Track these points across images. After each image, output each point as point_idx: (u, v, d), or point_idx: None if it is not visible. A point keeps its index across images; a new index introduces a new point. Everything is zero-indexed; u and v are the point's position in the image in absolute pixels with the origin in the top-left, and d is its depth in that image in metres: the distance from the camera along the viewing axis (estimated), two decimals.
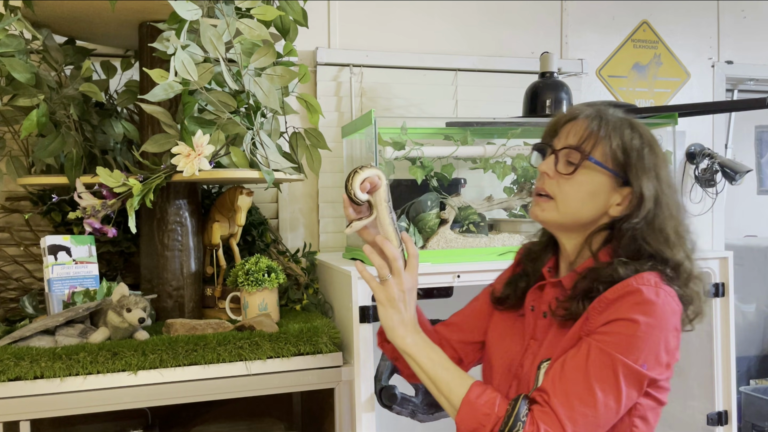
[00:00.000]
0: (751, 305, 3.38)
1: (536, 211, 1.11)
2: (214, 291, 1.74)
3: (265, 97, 1.50)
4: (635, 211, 1.05)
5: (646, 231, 1.05)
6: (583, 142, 1.06)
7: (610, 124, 1.07)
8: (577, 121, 1.09)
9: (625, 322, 0.98)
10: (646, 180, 1.04)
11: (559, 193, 1.08)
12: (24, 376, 1.30)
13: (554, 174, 1.08)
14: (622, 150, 1.05)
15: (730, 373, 1.92)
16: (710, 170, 2.65)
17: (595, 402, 0.95)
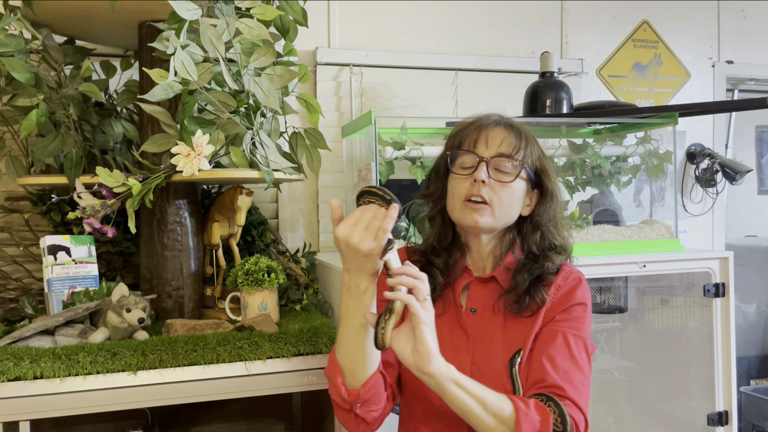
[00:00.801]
0: (752, 305, 3.38)
1: (475, 216, 1.16)
2: (213, 291, 1.73)
3: (264, 96, 1.50)
4: (539, 209, 1.21)
5: (550, 225, 1.22)
6: (516, 151, 1.17)
7: (526, 134, 1.21)
8: (496, 130, 1.19)
9: (580, 306, 1.17)
10: (552, 181, 1.21)
11: (495, 199, 1.16)
12: (24, 376, 1.30)
13: (489, 180, 1.15)
14: (538, 158, 1.21)
15: (730, 374, 1.92)
16: (710, 170, 2.65)
17: (587, 380, 1.12)
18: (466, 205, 1.16)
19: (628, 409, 2.29)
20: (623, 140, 2.15)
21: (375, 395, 1.12)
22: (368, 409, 1.13)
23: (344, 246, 1.03)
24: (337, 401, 1.14)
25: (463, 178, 1.17)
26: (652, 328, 2.23)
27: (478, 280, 1.22)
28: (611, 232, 1.96)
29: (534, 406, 1.03)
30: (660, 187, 2.19)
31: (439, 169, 1.25)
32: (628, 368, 2.31)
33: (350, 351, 1.10)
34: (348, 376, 1.11)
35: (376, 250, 1.02)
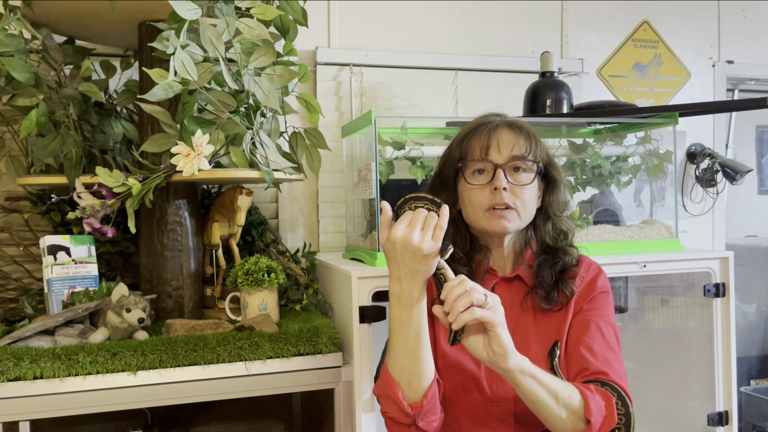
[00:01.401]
0: (752, 305, 3.38)
1: (504, 224, 1.17)
2: (213, 291, 1.73)
3: (264, 96, 1.50)
4: (548, 198, 1.24)
5: (560, 213, 1.25)
6: (530, 152, 1.19)
7: (530, 131, 1.21)
8: (504, 133, 1.19)
9: (603, 294, 1.22)
10: (559, 170, 1.24)
11: (519, 202, 1.18)
12: (23, 376, 1.30)
13: (509, 186, 1.17)
14: (545, 153, 1.23)
15: (730, 374, 1.92)
16: (711, 170, 2.65)
17: (622, 362, 1.16)
18: (492, 213, 1.17)
19: None
20: (623, 140, 2.15)
21: (435, 404, 1.11)
22: (429, 420, 1.11)
23: (401, 248, 1.01)
24: (396, 417, 1.10)
25: (481, 188, 1.18)
26: (653, 328, 2.23)
27: (503, 280, 1.23)
28: (611, 232, 1.96)
29: (596, 391, 1.06)
30: (660, 187, 2.19)
31: (447, 178, 1.24)
32: (629, 368, 2.30)
33: (407, 363, 1.07)
34: (406, 390, 1.08)
35: (436, 250, 1.01)
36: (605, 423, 1.04)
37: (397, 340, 1.07)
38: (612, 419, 1.05)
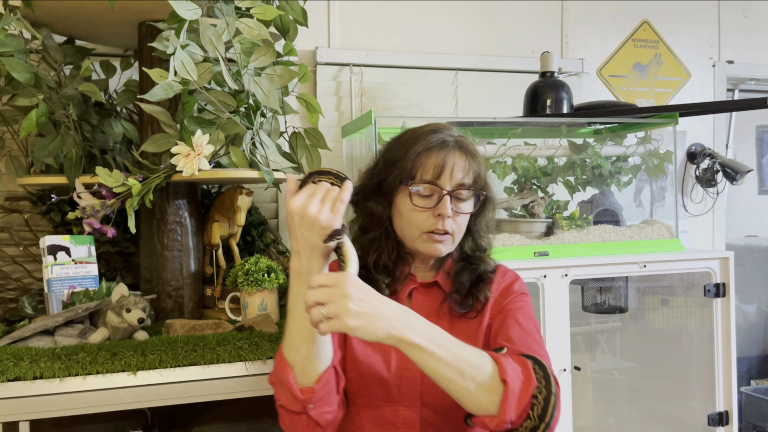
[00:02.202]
0: (752, 305, 3.38)
1: (440, 248, 1.17)
2: (213, 291, 1.73)
3: (264, 96, 1.50)
4: (480, 217, 1.23)
5: (482, 229, 1.25)
6: (476, 180, 1.18)
7: (475, 152, 1.20)
8: (459, 158, 1.16)
9: (522, 295, 1.21)
10: (492, 190, 1.24)
11: (456, 228, 1.18)
12: (23, 376, 1.29)
13: (453, 214, 1.16)
14: (485, 173, 1.21)
15: (730, 374, 1.92)
16: (711, 170, 2.65)
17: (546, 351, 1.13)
18: (430, 237, 1.15)
19: (628, 410, 2.29)
20: (623, 140, 2.15)
21: (329, 393, 1.07)
22: (322, 410, 1.06)
23: (299, 219, 0.99)
24: (287, 404, 1.07)
25: (423, 210, 1.15)
26: (653, 329, 2.23)
27: (421, 285, 1.23)
28: (611, 232, 1.96)
29: (510, 357, 1.03)
30: (660, 187, 2.19)
31: (388, 189, 1.19)
32: (629, 368, 2.31)
33: (302, 346, 1.03)
34: (300, 374, 1.04)
35: (334, 222, 0.99)
36: (524, 386, 0.97)
37: (294, 319, 1.03)
38: (530, 381, 0.98)
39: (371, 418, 1.16)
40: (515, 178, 2.05)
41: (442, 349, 0.95)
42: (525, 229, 1.93)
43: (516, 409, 0.96)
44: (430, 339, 0.95)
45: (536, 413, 0.97)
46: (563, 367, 1.77)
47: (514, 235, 1.89)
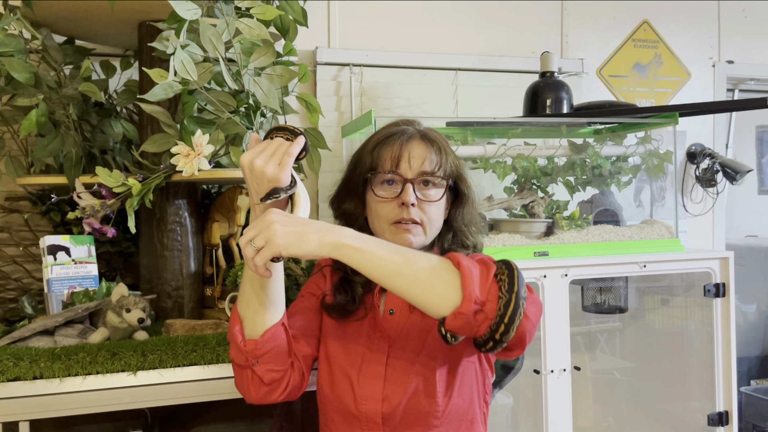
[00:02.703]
0: (752, 305, 3.38)
1: (409, 237, 1.13)
2: (213, 291, 1.73)
3: (264, 96, 1.50)
4: (454, 212, 1.20)
5: (464, 227, 1.20)
6: (438, 168, 1.14)
7: (441, 143, 1.17)
8: (415, 146, 1.15)
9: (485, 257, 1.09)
10: (468, 185, 1.19)
11: (426, 218, 1.14)
12: (23, 376, 1.29)
13: (417, 202, 1.13)
14: (455, 165, 1.18)
15: (730, 374, 1.92)
16: (711, 170, 2.65)
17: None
18: (398, 228, 1.13)
19: (628, 410, 2.29)
20: (623, 140, 2.15)
21: (274, 350, 1.07)
22: (267, 367, 1.07)
23: (249, 172, 1.00)
24: (234, 358, 1.09)
25: (388, 201, 1.14)
26: (653, 329, 2.23)
27: None
28: (611, 232, 1.96)
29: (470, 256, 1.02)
30: (660, 187, 2.19)
31: (355, 186, 1.20)
32: (629, 368, 2.31)
33: (253, 299, 1.05)
34: (247, 326, 1.07)
35: (280, 175, 1.00)
36: (483, 268, 0.93)
37: (246, 272, 1.06)
38: (487, 264, 0.94)
39: (339, 411, 1.16)
40: (515, 178, 2.05)
41: (380, 247, 0.95)
42: (525, 229, 1.93)
43: (481, 287, 0.91)
44: (365, 240, 0.95)
45: (504, 288, 0.90)
46: (563, 367, 1.77)
47: (514, 235, 1.89)
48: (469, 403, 1.13)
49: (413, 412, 1.10)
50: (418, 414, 1.09)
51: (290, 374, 1.12)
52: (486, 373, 1.18)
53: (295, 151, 1.02)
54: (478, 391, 1.15)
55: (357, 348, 1.16)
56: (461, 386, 1.11)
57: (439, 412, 1.09)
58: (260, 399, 1.10)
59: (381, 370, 1.12)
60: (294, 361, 1.14)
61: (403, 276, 0.93)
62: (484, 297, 0.90)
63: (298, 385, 1.15)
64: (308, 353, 1.17)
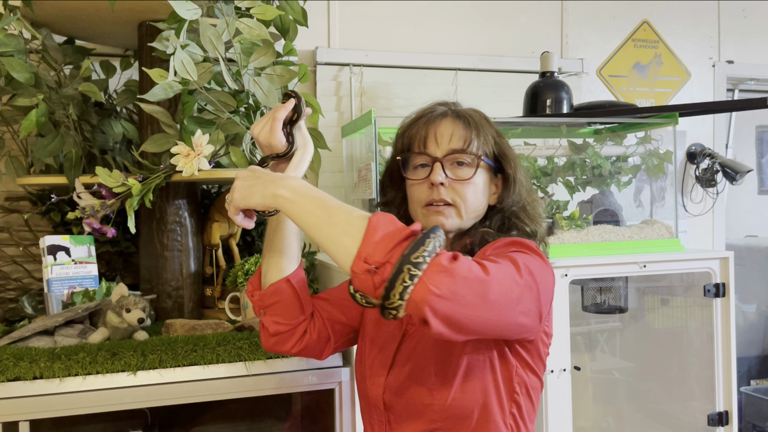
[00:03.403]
0: (752, 305, 3.38)
1: (441, 219, 1.08)
2: (213, 291, 1.73)
3: (264, 96, 1.50)
4: (511, 193, 1.11)
5: (517, 211, 1.11)
6: (468, 144, 1.08)
7: (475, 120, 1.11)
8: (444, 124, 1.10)
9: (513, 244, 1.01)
10: (513, 164, 1.12)
11: (459, 199, 1.08)
12: (23, 376, 1.30)
13: (448, 181, 1.08)
14: (495, 143, 1.11)
15: (730, 374, 1.92)
16: (711, 170, 2.65)
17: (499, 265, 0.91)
18: (429, 210, 1.09)
19: (628, 410, 2.29)
20: (623, 140, 2.15)
21: (278, 304, 1.11)
22: (272, 318, 1.12)
23: (255, 141, 1.11)
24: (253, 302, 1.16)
25: (420, 183, 1.11)
26: (653, 329, 2.23)
27: None
28: (611, 232, 1.96)
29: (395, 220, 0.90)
30: (660, 187, 2.19)
31: (393, 174, 1.18)
32: (629, 368, 2.31)
33: (267, 253, 1.12)
34: (263, 277, 1.13)
35: (271, 140, 1.07)
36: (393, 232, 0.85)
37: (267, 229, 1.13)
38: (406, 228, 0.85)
39: (360, 392, 1.19)
40: None
41: (311, 200, 0.93)
42: None
43: (378, 247, 0.83)
44: (300, 193, 0.94)
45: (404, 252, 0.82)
46: (563, 367, 1.77)
47: None
48: (477, 402, 1.05)
49: (412, 404, 1.09)
50: (417, 406, 1.08)
51: (304, 331, 1.14)
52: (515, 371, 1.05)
53: (280, 116, 1.06)
54: (498, 390, 1.05)
55: (383, 333, 1.15)
56: (465, 382, 1.05)
57: (437, 406, 1.06)
58: (270, 347, 1.15)
59: (389, 358, 1.12)
60: (316, 321, 1.16)
61: (320, 229, 0.90)
62: (382, 258, 0.83)
63: (314, 346, 1.16)
64: (339, 320, 1.18)
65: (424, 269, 0.81)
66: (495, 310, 0.87)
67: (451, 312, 0.82)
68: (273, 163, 1.10)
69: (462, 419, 1.06)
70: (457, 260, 0.84)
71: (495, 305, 0.86)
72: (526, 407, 1.06)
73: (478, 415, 1.04)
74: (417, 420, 1.09)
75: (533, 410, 1.08)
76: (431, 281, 0.81)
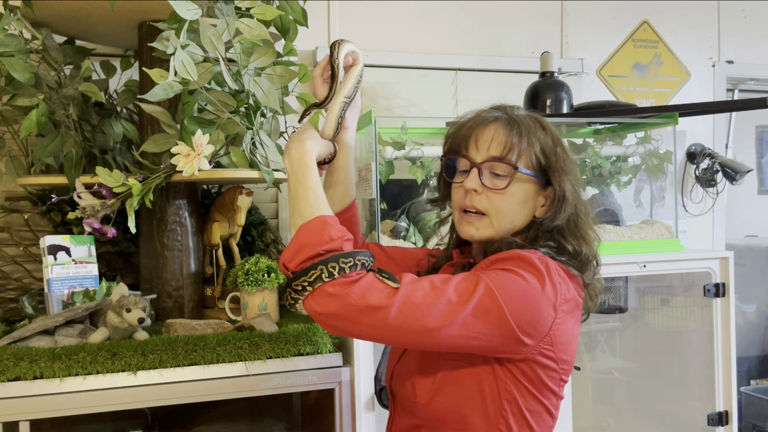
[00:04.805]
0: (752, 305, 3.38)
1: (470, 231, 1.07)
2: (213, 291, 1.73)
3: (264, 96, 1.50)
4: (556, 209, 1.06)
5: (565, 228, 1.07)
6: (508, 152, 1.04)
7: (525, 127, 1.06)
8: (490, 129, 1.06)
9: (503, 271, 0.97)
10: (565, 178, 1.05)
11: (492, 208, 1.05)
12: (23, 376, 1.30)
13: (482, 189, 1.05)
14: (542, 154, 1.05)
15: (730, 374, 1.92)
16: (711, 170, 2.65)
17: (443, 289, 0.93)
18: (462, 217, 1.08)
19: (628, 409, 2.29)
20: (623, 140, 2.15)
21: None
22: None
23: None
24: None
25: (458, 186, 1.09)
26: (653, 328, 2.23)
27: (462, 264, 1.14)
28: (611, 232, 1.96)
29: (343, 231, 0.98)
30: (660, 187, 2.19)
31: (440, 176, 1.17)
32: (628, 368, 2.31)
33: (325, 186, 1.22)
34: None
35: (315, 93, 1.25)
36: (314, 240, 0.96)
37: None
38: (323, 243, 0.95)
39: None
40: None
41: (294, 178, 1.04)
42: None
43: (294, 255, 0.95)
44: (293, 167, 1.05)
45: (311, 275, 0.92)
46: None
47: None
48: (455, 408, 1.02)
49: (405, 397, 1.10)
50: (408, 400, 1.09)
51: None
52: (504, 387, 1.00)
53: (317, 73, 1.22)
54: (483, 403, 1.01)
55: None
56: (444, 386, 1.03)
57: (419, 404, 1.05)
58: None
59: (401, 348, 1.14)
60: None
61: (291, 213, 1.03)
62: (291, 267, 0.95)
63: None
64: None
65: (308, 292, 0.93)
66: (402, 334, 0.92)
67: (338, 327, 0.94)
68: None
69: (441, 422, 1.04)
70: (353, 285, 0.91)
71: (399, 330, 0.91)
72: (520, 429, 1.01)
73: (457, 422, 1.02)
74: (409, 414, 1.10)
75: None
76: (315, 300, 0.93)
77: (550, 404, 1.04)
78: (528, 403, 1.01)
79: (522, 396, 1.01)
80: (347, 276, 0.92)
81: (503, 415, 1.01)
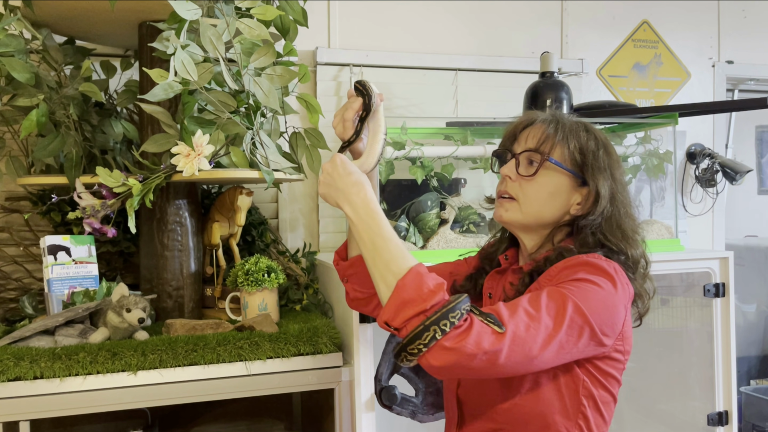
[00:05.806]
0: (752, 305, 3.38)
1: (500, 212, 1.15)
2: (213, 291, 1.73)
3: (265, 97, 1.50)
4: (593, 208, 1.10)
5: (605, 227, 1.10)
6: (542, 144, 1.12)
7: (566, 127, 1.13)
8: (535, 126, 1.15)
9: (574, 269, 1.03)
10: (602, 179, 1.10)
11: (522, 194, 1.13)
12: (23, 376, 1.30)
13: (516, 176, 1.14)
14: (579, 151, 1.11)
15: (730, 374, 1.92)
16: (711, 170, 2.65)
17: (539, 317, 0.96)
18: (498, 202, 1.17)
19: (628, 409, 2.29)
20: (623, 140, 2.15)
21: (356, 276, 1.22)
22: (352, 286, 1.25)
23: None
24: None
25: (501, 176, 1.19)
26: (652, 328, 2.23)
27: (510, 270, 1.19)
28: None
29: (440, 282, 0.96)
30: (660, 187, 2.19)
31: (491, 166, 1.27)
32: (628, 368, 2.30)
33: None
34: (348, 249, 1.26)
35: (340, 133, 1.19)
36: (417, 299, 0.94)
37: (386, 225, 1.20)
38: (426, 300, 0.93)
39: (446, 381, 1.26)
40: None
41: (366, 227, 1.02)
42: None
43: (399, 317, 0.94)
44: (359, 215, 1.03)
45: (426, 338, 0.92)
46: None
47: None
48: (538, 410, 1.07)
49: (480, 402, 1.12)
50: (484, 405, 1.11)
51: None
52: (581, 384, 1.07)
53: (348, 116, 1.18)
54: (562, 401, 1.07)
55: None
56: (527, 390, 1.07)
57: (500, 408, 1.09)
58: (354, 307, 1.33)
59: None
60: None
61: (367, 258, 1.02)
62: (399, 325, 0.95)
63: None
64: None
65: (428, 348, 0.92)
66: (507, 368, 0.95)
67: (452, 374, 0.96)
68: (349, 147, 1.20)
69: (523, 424, 1.09)
70: (467, 336, 0.91)
71: (506, 366, 0.94)
72: (595, 420, 1.08)
73: (538, 422, 1.07)
74: (484, 418, 1.12)
75: (604, 423, 1.11)
76: (433, 357, 0.92)
77: (615, 392, 1.12)
78: (601, 395, 1.09)
79: (596, 389, 1.08)
80: (458, 327, 0.93)
81: (581, 410, 1.07)
